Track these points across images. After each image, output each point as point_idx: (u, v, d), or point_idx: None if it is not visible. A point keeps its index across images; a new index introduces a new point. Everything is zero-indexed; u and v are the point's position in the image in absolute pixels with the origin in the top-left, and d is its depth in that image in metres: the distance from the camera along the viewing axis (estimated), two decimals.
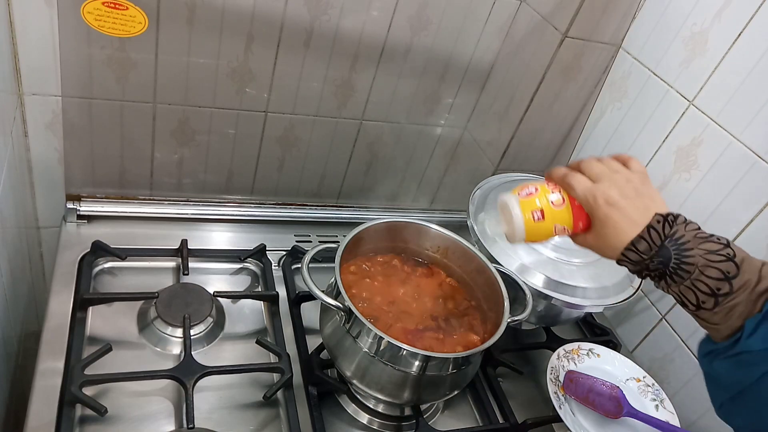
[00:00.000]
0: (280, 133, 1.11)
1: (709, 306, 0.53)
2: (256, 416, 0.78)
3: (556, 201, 0.63)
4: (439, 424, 0.84)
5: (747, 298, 0.52)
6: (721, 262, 0.53)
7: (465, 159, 1.28)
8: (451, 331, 0.81)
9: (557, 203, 0.63)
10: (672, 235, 0.55)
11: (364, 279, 0.84)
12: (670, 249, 0.54)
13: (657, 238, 0.55)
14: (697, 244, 0.54)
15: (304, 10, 0.96)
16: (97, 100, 0.96)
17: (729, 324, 0.52)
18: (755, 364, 0.50)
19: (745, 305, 0.51)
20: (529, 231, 0.63)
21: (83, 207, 0.96)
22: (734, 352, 0.51)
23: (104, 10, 0.80)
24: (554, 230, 0.63)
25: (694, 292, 0.53)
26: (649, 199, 0.59)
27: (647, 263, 0.56)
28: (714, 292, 0.52)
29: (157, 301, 0.85)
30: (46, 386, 0.72)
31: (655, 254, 0.55)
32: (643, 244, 0.56)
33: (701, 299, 0.53)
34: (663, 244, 0.55)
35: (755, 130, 0.87)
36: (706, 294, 0.53)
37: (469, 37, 1.09)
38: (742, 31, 0.89)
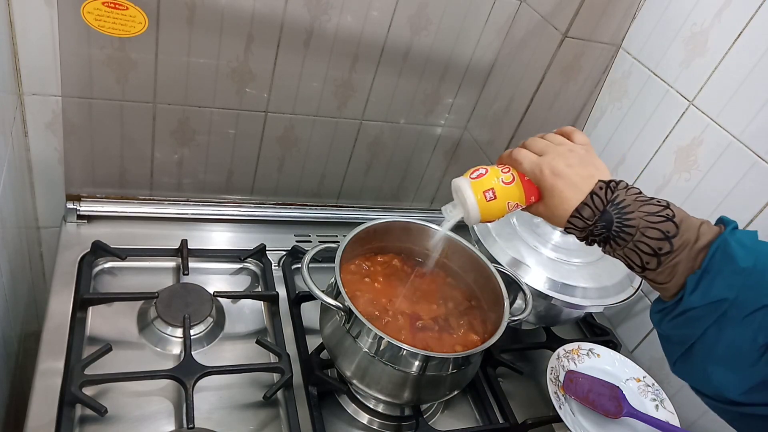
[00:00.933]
0: (280, 133, 1.11)
1: (653, 266, 0.55)
2: (256, 416, 0.78)
3: (506, 179, 0.66)
4: (439, 424, 0.84)
5: (687, 256, 0.53)
6: (660, 222, 0.55)
7: (465, 159, 1.28)
8: (451, 331, 0.81)
9: (507, 181, 0.66)
10: (613, 200, 0.57)
11: (364, 279, 0.84)
12: (612, 213, 0.57)
13: (600, 204, 0.58)
14: (638, 207, 0.56)
15: (304, 10, 0.96)
16: (97, 100, 0.96)
17: (674, 282, 0.54)
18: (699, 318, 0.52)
19: (687, 263, 0.53)
20: (483, 211, 0.66)
21: (83, 207, 0.96)
22: (680, 309, 0.53)
23: (104, 10, 0.80)
24: (507, 207, 0.66)
25: (637, 253, 0.55)
26: (593, 168, 0.62)
27: (591, 228, 0.58)
28: (656, 251, 0.54)
29: (157, 301, 0.85)
30: (46, 386, 0.72)
31: (599, 219, 0.58)
32: (587, 211, 0.58)
33: (645, 260, 0.55)
34: (605, 209, 0.57)
35: (755, 130, 0.87)
36: (649, 254, 0.55)
37: (469, 37, 1.09)
38: (742, 31, 0.89)
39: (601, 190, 0.59)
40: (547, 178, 0.62)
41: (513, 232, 0.95)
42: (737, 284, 0.51)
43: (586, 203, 0.58)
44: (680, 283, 0.54)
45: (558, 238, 0.94)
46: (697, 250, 0.53)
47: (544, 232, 0.95)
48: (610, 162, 1.13)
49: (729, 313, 0.51)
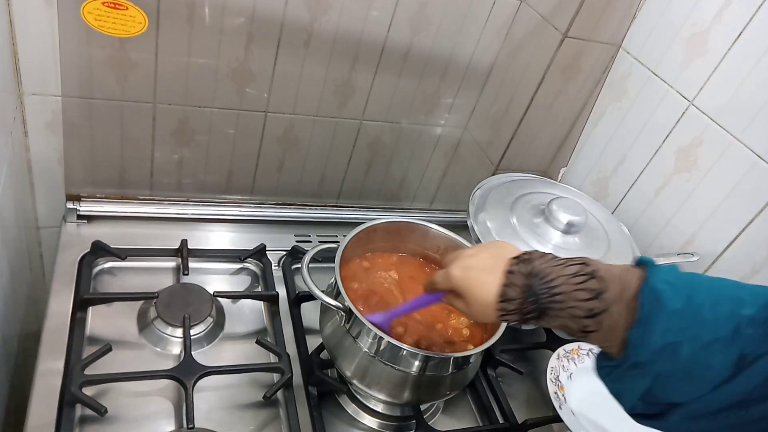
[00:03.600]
0: (280, 133, 1.11)
1: (593, 327, 0.52)
2: (256, 416, 0.78)
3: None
4: (439, 424, 0.84)
5: (622, 309, 0.51)
6: (584, 282, 0.53)
7: (465, 159, 1.28)
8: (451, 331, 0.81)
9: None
10: (531, 272, 0.55)
11: (364, 279, 0.84)
12: (536, 286, 0.55)
13: (520, 280, 0.56)
14: (558, 272, 0.54)
15: (304, 10, 0.96)
16: (97, 100, 0.96)
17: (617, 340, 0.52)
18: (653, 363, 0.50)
19: (623, 317, 0.51)
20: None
21: (83, 207, 0.96)
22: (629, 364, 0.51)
23: (104, 10, 0.80)
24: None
25: (572, 319, 0.53)
26: (497, 248, 0.61)
27: (523, 307, 0.56)
28: (589, 313, 0.52)
29: (157, 301, 0.85)
30: (46, 386, 0.72)
31: (526, 295, 0.55)
32: (512, 290, 0.56)
33: (583, 324, 0.53)
34: (529, 283, 0.55)
35: (755, 130, 0.87)
36: (584, 318, 0.52)
37: (469, 37, 1.10)
38: (742, 31, 0.89)
39: (515, 266, 0.57)
40: (458, 277, 0.60)
41: (513, 232, 0.95)
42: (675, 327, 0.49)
43: (507, 284, 0.56)
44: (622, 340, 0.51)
45: (558, 239, 0.94)
46: (628, 300, 0.51)
47: (544, 232, 0.95)
48: (610, 162, 1.13)
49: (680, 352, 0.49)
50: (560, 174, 1.26)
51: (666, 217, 1.01)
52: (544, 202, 0.99)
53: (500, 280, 0.57)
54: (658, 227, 1.02)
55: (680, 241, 0.98)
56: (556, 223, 0.95)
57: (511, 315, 0.57)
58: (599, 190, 1.16)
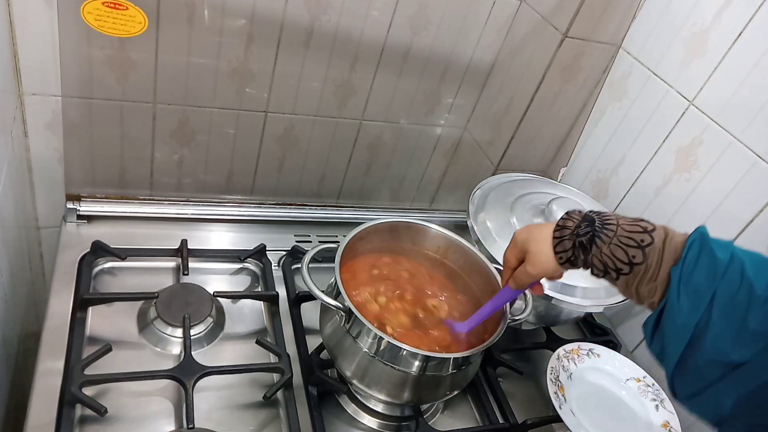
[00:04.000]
0: (280, 133, 1.11)
1: (639, 259, 0.57)
2: (256, 416, 0.78)
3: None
4: (439, 424, 0.84)
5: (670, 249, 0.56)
6: (636, 222, 0.59)
7: (465, 159, 1.28)
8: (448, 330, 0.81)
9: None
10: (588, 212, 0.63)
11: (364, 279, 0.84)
12: (589, 215, 0.62)
13: (577, 215, 0.63)
14: (613, 213, 0.61)
15: (304, 10, 0.96)
16: (97, 100, 0.96)
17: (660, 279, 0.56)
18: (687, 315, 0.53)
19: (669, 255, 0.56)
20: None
21: (83, 207, 0.96)
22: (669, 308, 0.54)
23: (104, 10, 0.80)
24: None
25: (621, 248, 0.58)
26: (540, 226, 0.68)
27: (577, 231, 0.62)
28: (639, 243, 0.57)
29: (157, 301, 0.85)
30: (46, 386, 0.72)
31: (581, 222, 0.62)
32: (568, 221, 0.63)
33: (631, 253, 0.57)
34: (585, 214, 0.62)
35: (755, 130, 0.87)
36: (633, 246, 0.57)
37: (469, 37, 1.10)
38: (742, 31, 0.89)
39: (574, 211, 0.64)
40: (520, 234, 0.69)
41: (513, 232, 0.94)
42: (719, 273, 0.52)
43: (565, 218, 0.64)
44: (666, 279, 0.55)
45: None
46: (677, 242, 0.56)
47: None
48: (610, 162, 1.13)
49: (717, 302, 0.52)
50: (560, 174, 1.26)
51: (666, 217, 1.01)
52: (544, 202, 0.99)
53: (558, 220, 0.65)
54: None
55: None
56: None
57: (564, 241, 0.63)
58: (599, 190, 1.16)
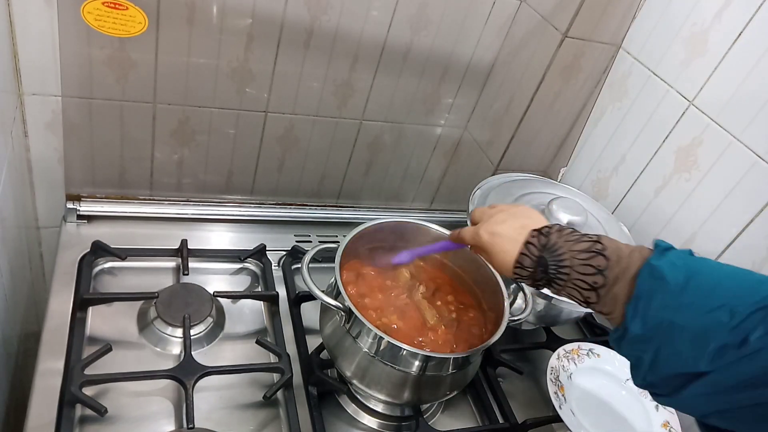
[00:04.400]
0: (280, 133, 1.11)
1: (594, 299, 0.57)
2: (256, 416, 0.78)
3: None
4: (439, 424, 0.84)
5: (623, 286, 0.55)
6: (591, 258, 0.57)
7: (465, 159, 1.28)
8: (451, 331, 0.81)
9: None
10: (545, 245, 0.61)
11: (364, 279, 0.84)
12: (546, 258, 0.60)
13: (535, 251, 0.61)
14: (569, 247, 0.59)
15: (304, 10, 0.96)
16: (97, 100, 0.96)
17: (617, 312, 0.56)
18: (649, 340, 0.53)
19: (624, 292, 0.55)
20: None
21: (83, 207, 0.96)
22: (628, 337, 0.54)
23: (104, 10, 0.80)
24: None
25: (576, 290, 0.58)
26: (525, 218, 0.66)
27: (535, 275, 0.61)
28: (592, 286, 0.56)
29: (157, 301, 0.85)
30: (46, 386, 0.72)
31: (537, 265, 0.61)
32: (526, 260, 0.61)
33: (585, 295, 0.57)
34: (541, 254, 0.60)
35: (755, 130, 0.87)
36: (587, 290, 0.57)
37: (469, 37, 1.09)
38: (742, 31, 0.89)
39: (534, 238, 0.62)
40: (485, 240, 0.66)
41: None
42: (672, 305, 0.51)
43: (524, 253, 0.62)
44: (622, 313, 0.55)
45: None
46: (630, 278, 0.55)
47: None
48: (610, 162, 1.13)
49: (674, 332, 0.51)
50: (560, 174, 1.26)
51: (666, 217, 1.01)
52: (544, 202, 0.99)
53: (519, 250, 0.62)
54: (658, 227, 1.02)
55: (680, 241, 0.98)
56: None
57: (524, 280, 0.63)
58: (599, 190, 1.16)
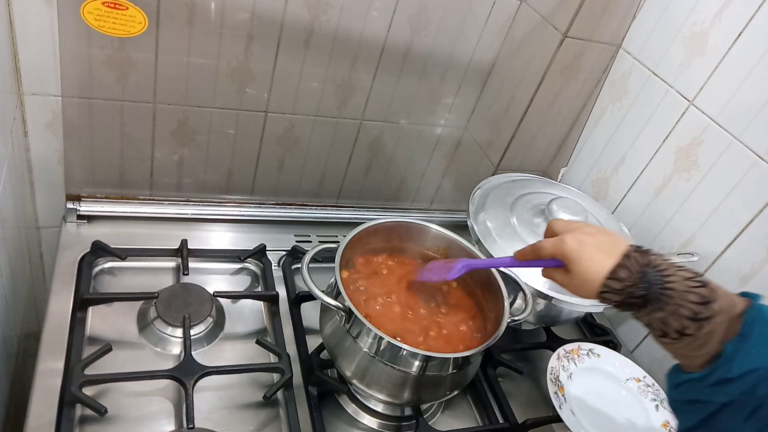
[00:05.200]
0: (280, 133, 1.11)
1: (691, 331, 0.53)
2: (256, 416, 0.78)
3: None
4: (439, 424, 0.84)
5: (723, 323, 0.53)
6: (698, 287, 0.54)
7: (465, 159, 1.28)
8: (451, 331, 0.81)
9: None
10: (650, 263, 0.57)
11: (364, 279, 0.84)
12: (651, 275, 0.56)
13: (636, 265, 0.57)
14: (675, 271, 0.56)
15: (304, 10, 0.96)
16: (97, 100, 0.96)
17: (707, 351, 0.53)
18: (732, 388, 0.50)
19: (722, 330, 0.52)
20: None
21: (83, 207, 0.96)
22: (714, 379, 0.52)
23: (104, 10, 0.80)
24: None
25: (677, 317, 0.54)
26: (615, 236, 0.61)
27: (631, 290, 0.56)
28: (695, 316, 0.53)
29: (157, 301, 0.85)
30: (46, 386, 0.72)
31: (639, 280, 0.56)
32: (624, 271, 0.57)
33: (684, 324, 0.54)
34: (644, 270, 0.56)
35: (755, 130, 0.87)
36: (689, 318, 0.53)
37: (469, 37, 1.09)
38: (742, 31, 0.89)
39: (635, 253, 0.58)
40: (571, 247, 0.61)
41: (513, 232, 0.95)
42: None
43: (622, 264, 0.57)
44: (713, 352, 0.52)
45: None
46: (734, 316, 0.52)
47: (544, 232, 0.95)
48: (610, 162, 1.13)
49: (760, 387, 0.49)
50: (560, 174, 1.26)
51: (666, 217, 1.01)
52: (544, 202, 0.99)
53: (615, 260, 0.58)
54: (658, 227, 1.02)
55: (680, 241, 0.98)
56: None
57: (613, 294, 0.57)
58: (599, 190, 1.16)
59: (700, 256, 0.93)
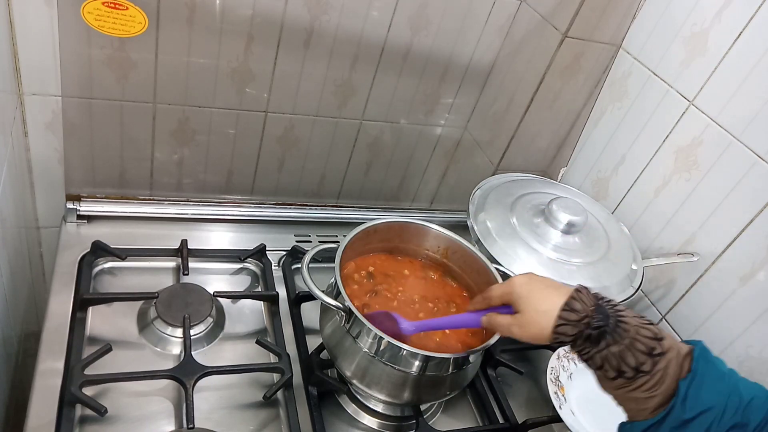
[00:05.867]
0: (280, 133, 1.11)
1: (648, 367, 0.53)
2: (256, 416, 0.78)
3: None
4: (439, 424, 0.84)
5: (677, 360, 0.53)
6: (648, 324, 0.55)
7: (465, 159, 1.28)
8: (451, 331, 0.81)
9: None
10: (603, 298, 0.58)
11: (364, 279, 0.84)
12: (606, 308, 0.56)
13: (589, 299, 0.57)
14: (624, 307, 0.57)
15: (304, 10, 0.96)
16: (97, 100, 0.96)
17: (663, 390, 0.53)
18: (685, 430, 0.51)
19: (675, 367, 0.53)
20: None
21: (83, 207, 0.96)
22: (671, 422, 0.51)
23: (104, 10, 0.80)
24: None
25: (632, 352, 0.54)
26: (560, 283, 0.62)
27: (588, 320, 0.56)
28: (650, 351, 0.53)
29: (157, 301, 0.85)
30: (46, 386, 0.72)
31: (594, 311, 0.56)
32: (578, 304, 0.57)
33: (640, 360, 0.53)
34: (597, 303, 0.57)
35: (755, 130, 0.87)
36: (644, 353, 0.53)
37: (469, 37, 1.10)
38: (742, 31, 0.89)
39: (584, 289, 0.59)
40: (521, 284, 0.62)
41: (513, 232, 0.95)
42: (723, 391, 0.51)
43: (575, 297, 0.58)
44: (668, 391, 0.52)
45: (558, 239, 0.94)
46: (683, 355, 0.53)
47: (544, 233, 0.95)
48: (610, 162, 1.13)
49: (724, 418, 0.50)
50: (560, 174, 1.26)
51: (666, 217, 1.01)
52: (544, 202, 0.99)
53: (567, 295, 0.58)
54: (658, 227, 1.02)
55: (680, 241, 0.98)
56: (556, 223, 0.95)
57: (570, 326, 0.57)
58: (599, 190, 1.16)
59: (700, 256, 0.93)
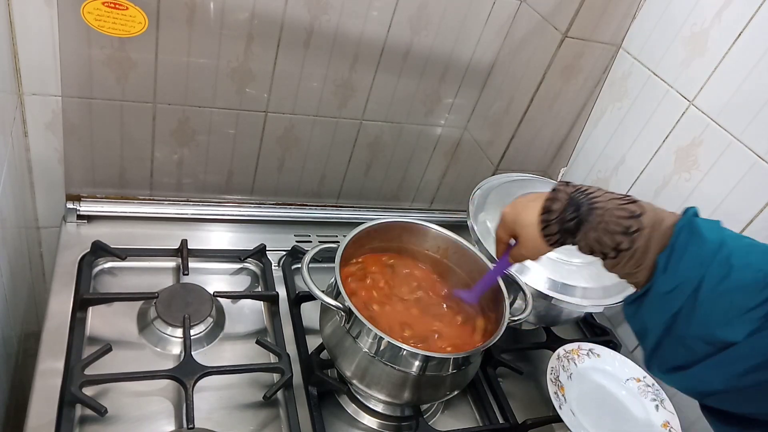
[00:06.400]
0: (280, 133, 1.11)
1: (626, 245, 0.55)
2: (256, 416, 0.78)
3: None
4: (439, 424, 0.84)
5: (657, 235, 0.54)
6: (626, 204, 0.57)
7: (465, 159, 1.28)
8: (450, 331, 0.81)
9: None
10: (577, 189, 0.60)
11: (364, 279, 0.84)
12: (579, 198, 0.59)
13: (563, 195, 0.61)
14: (601, 193, 0.59)
15: (304, 10, 0.96)
16: (97, 100, 0.96)
17: (647, 264, 0.55)
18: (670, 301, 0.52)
19: (657, 242, 0.54)
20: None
21: (83, 207, 0.96)
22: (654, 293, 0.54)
23: (104, 10, 0.80)
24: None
25: (609, 233, 0.56)
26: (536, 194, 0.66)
27: (563, 215, 0.60)
28: (626, 230, 0.55)
29: (157, 301, 0.85)
30: (46, 386, 0.72)
31: (568, 205, 0.60)
32: (555, 204, 0.61)
33: (617, 240, 0.56)
34: (571, 196, 0.60)
35: (755, 130, 0.87)
36: (620, 234, 0.55)
37: (469, 37, 1.09)
38: (742, 31, 0.89)
39: (561, 186, 0.62)
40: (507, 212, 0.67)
41: None
42: (707, 260, 0.51)
43: (551, 198, 0.61)
44: (651, 265, 0.54)
45: None
46: (665, 228, 0.54)
47: None
48: (610, 162, 1.13)
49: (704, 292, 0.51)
50: (560, 174, 1.26)
51: None
52: None
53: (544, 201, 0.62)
54: None
55: None
56: None
57: (552, 225, 0.61)
58: None
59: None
